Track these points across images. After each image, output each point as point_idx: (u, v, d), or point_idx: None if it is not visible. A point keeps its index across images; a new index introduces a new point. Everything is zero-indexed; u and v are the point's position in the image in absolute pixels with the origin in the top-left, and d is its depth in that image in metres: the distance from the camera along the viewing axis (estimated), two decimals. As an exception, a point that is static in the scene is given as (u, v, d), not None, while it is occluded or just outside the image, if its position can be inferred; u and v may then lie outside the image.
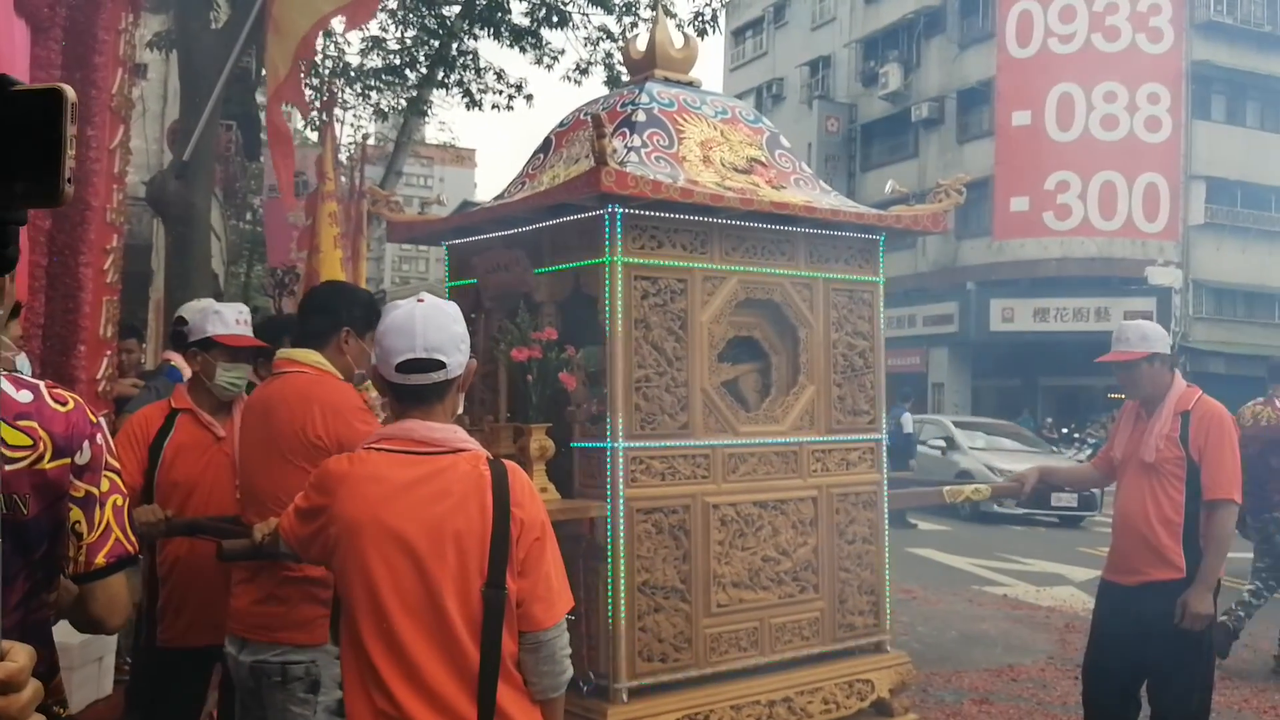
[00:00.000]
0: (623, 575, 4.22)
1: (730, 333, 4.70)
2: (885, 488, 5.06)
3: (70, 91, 1.12)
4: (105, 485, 2.06)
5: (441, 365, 2.36)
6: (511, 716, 2.29)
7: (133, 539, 2.09)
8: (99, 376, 5.94)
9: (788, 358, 4.90)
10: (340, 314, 3.39)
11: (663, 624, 4.32)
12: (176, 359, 5.41)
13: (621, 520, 4.23)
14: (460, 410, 2.55)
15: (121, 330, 6.32)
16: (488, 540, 2.29)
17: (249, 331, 3.81)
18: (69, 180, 1.12)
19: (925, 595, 10.16)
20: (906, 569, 10.84)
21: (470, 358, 2.46)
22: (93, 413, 2.08)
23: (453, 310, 2.44)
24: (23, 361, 4.37)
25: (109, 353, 6.06)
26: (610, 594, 4.21)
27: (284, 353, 3.34)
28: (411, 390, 2.38)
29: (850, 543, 4.92)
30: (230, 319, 3.77)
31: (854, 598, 4.91)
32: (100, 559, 2.03)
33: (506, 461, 2.41)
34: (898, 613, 7.00)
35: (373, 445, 2.41)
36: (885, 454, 5.15)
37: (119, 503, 2.07)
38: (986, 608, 9.56)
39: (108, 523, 2.04)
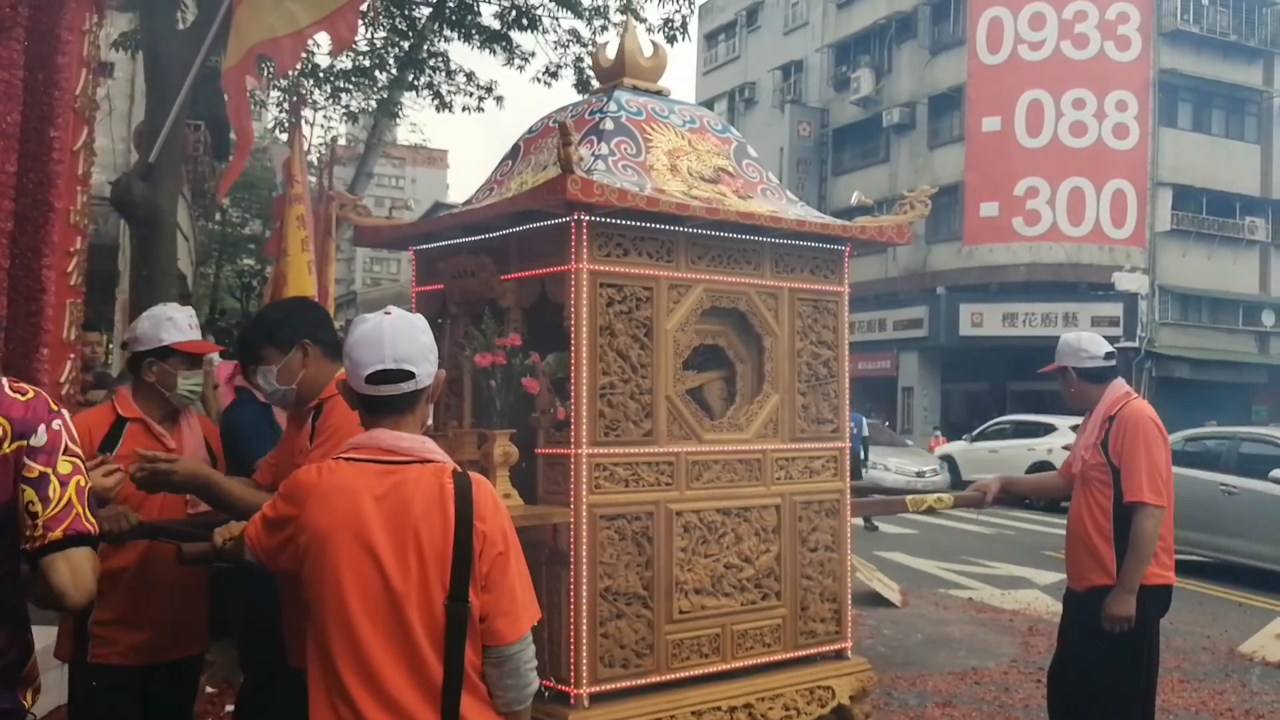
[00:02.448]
0: (585, 581, 4.23)
1: (696, 341, 4.73)
2: (848, 495, 5.10)
3: None
4: (66, 468, 2.10)
5: (411, 375, 2.40)
6: None
7: (93, 521, 2.12)
8: (62, 379, 5.89)
9: (753, 366, 4.93)
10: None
11: (625, 630, 4.34)
12: None
13: (584, 527, 4.25)
14: (430, 420, 2.56)
15: (84, 322, 6.25)
16: (449, 553, 2.30)
17: (199, 335, 3.72)
18: None
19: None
20: (873, 573, 10.93)
21: (440, 368, 2.49)
22: (55, 402, 2.14)
23: (420, 322, 2.47)
24: None
25: (72, 355, 6.01)
26: (572, 600, 4.23)
27: None
28: (381, 401, 2.42)
29: (813, 550, 4.95)
30: (184, 324, 3.64)
31: (816, 605, 4.95)
32: (58, 532, 2.05)
33: (472, 474, 2.42)
34: (863, 616, 7.08)
35: (342, 455, 2.43)
36: (848, 462, 5.19)
37: (82, 483, 2.11)
38: (951, 611, 9.63)
39: (69, 500, 2.08)
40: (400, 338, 2.40)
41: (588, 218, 4.30)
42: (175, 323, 3.61)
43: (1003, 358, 28.73)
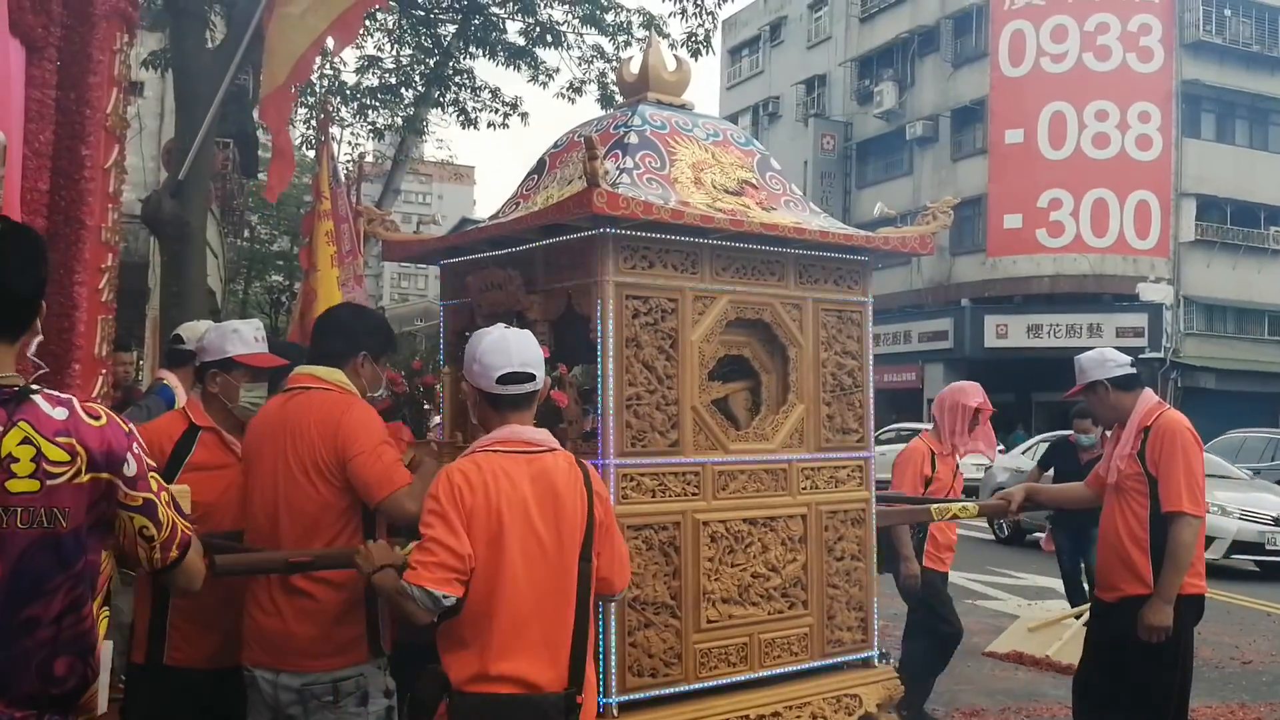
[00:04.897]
0: (613, 591, 4.25)
1: (720, 351, 4.75)
2: (874, 505, 5.11)
3: None
4: (155, 485, 2.24)
5: (532, 378, 2.95)
6: (588, 677, 2.90)
7: (186, 522, 2.32)
8: (94, 395, 5.95)
9: (777, 376, 4.95)
10: (358, 337, 3.42)
11: (653, 639, 4.36)
12: (170, 378, 5.39)
13: (612, 537, 4.27)
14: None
15: (116, 341, 6.32)
16: (583, 524, 2.88)
17: (266, 348, 3.74)
18: None
19: (917, 611, 10.17)
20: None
21: (546, 376, 3.04)
22: (124, 422, 2.20)
23: (532, 337, 3.07)
24: None
25: (103, 372, 6.08)
26: (601, 609, 4.25)
27: (306, 369, 3.34)
28: (510, 398, 2.93)
29: (839, 559, 4.96)
30: (250, 337, 3.68)
31: (842, 614, 4.96)
32: (174, 551, 2.27)
33: (584, 461, 3.01)
34: (890, 626, 7.06)
35: (487, 448, 2.88)
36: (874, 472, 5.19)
37: (167, 497, 2.27)
38: (978, 621, 9.60)
39: (172, 520, 2.26)
40: (523, 346, 2.95)
41: (613, 230, 4.34)
42: (240, 335, 3.67)
43: (1028, 369, 28.56)
